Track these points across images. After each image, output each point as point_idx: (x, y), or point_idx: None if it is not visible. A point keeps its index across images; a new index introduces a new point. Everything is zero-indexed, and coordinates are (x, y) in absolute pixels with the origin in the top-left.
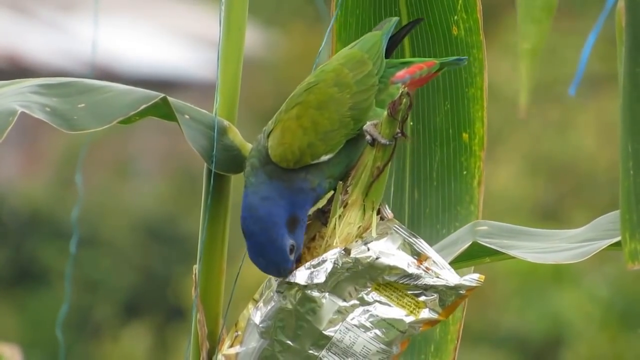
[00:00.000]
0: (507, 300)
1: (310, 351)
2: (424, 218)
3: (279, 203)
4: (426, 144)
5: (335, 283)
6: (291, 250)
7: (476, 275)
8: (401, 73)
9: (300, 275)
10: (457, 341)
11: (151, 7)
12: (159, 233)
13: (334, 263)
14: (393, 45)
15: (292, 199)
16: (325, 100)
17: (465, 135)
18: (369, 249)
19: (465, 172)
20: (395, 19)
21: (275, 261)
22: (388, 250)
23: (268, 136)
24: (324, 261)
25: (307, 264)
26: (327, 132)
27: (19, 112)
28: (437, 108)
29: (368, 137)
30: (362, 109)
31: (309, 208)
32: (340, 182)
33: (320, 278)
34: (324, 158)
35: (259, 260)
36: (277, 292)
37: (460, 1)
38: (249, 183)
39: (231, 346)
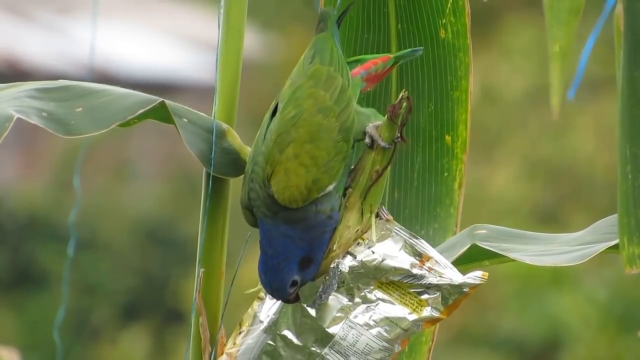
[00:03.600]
0: (505, 303)
1: (313, 348)
2: (402, 218)
3: (297, 243)
4: (408, 145)
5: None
6: (293, 284)
7: (479, 273)
8: (356, 70)
9: (323, 296)
10: (432, 342)
11: (150, 9)
12: (157, 236)
13: (341, 268)
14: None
15: (311, 241)
16: (315, 130)
17: (448, 138)
18: (373, 252)
19: (446, 174)
20: (331, 11)
21: (274, 287)
22: (391, 253)
23: (267, 181)
24: (332, 270)
25: (321, 287)
26: (326, 163)
27: (15, 117)
28: (421, 109)
29: (367, 139)
30: (347, 128)
31: (328, 244)
32: None
33: (334, 286)
34: (330, 188)
35: (262, 276)
36: None
37: (449, 4)
38: (266, 221)
39: (234, 344)
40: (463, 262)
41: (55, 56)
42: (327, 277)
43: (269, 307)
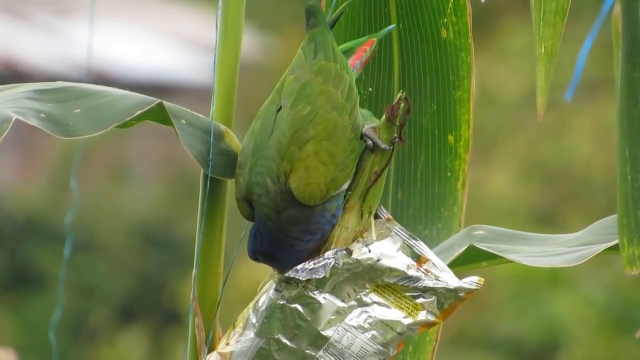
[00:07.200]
0: (503, 305)
1: (308, 351)
2: (406, 218)
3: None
4: (411, 145)
5: (335, 284)
6: (255, 258)
7: (476, 278)
8: (351, 61)
9: (302, 272)
10: (436, 342)
11: (147, 11)
12: (155, 237)
13: (335, 261)
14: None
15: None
16: (332, 128)
17: (450, 138)
18: (370, 251)
19: (449, 174)
20: (318, 4)
21: (248, 246)
22: (389, 252)
23: (284, 177)
24: (325, 259)
25: (308, 262)
26: (343, 161)
27: (14, 119)
28: (424, 109)
29: (369, 141)
30: (357, 126)
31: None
32: None
33: (320, 273)
34: (344, 187)
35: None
36: (276, 290)
37: (450, 4)
38: (265, 223)
39: (227, 345)
40: (460, 263)
41: (53, 58)
42: (315, 261)
43: (262, 311)
